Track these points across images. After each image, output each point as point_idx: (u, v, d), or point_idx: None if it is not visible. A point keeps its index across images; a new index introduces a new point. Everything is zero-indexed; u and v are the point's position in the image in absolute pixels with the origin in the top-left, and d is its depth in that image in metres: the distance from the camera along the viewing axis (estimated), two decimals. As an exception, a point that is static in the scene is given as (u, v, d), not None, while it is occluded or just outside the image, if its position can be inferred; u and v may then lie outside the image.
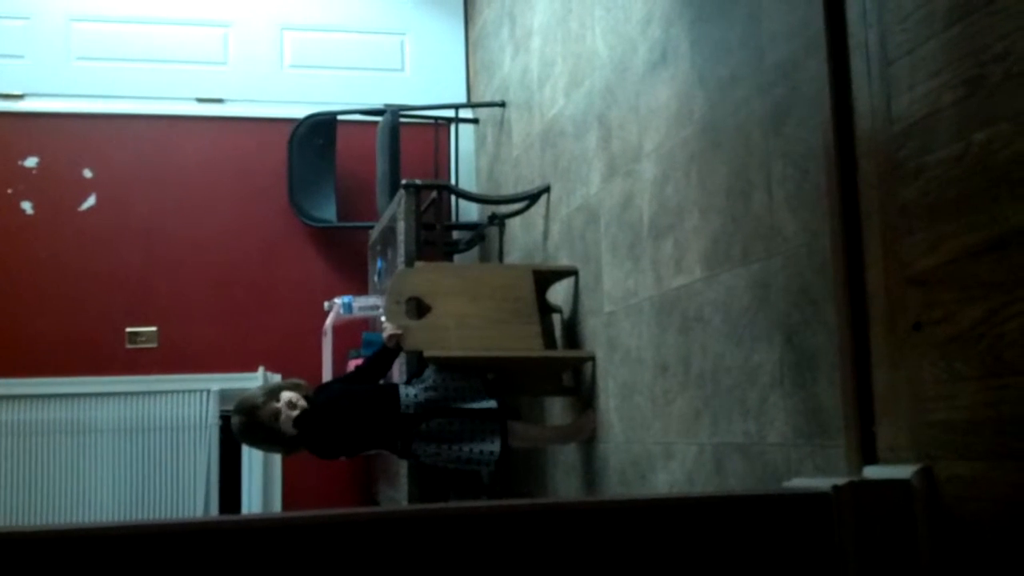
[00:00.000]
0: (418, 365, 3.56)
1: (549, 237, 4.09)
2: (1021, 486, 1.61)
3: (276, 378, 5.13)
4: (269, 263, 5.27)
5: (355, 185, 5.30)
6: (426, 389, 3.39)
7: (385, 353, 3.52)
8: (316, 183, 5.23)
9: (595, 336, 3.57)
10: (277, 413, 3.25)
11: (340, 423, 3.34)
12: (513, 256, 4.59)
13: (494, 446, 3.33)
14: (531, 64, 4.43)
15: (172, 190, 5.23)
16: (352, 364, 4.46)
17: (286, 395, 3.29)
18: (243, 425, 3.32)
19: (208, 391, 5.08)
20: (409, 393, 3.39)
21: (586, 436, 3.59)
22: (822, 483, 1.83)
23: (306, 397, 3.33)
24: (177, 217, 5.21)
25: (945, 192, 1.78)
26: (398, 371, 3.83)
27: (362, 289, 5.03)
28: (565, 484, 3.91)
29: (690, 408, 2.83)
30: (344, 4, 5.57)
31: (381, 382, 3.60)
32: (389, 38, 5.58)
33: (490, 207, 4.67)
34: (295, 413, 3.25)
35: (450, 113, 5.14)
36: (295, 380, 3.45)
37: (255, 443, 3.49)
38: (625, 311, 3.31)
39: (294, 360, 5.10)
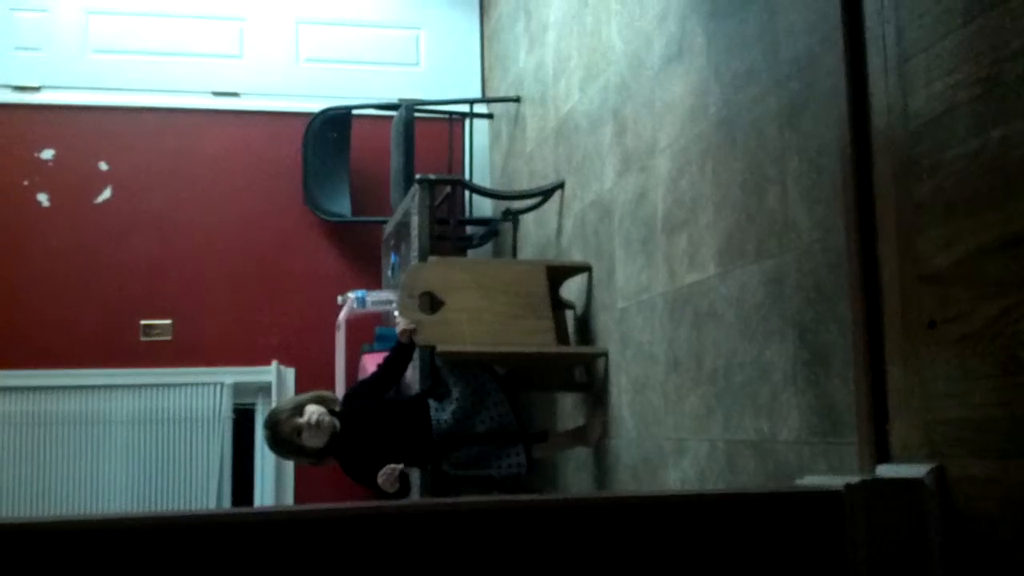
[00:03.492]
0: (431, 366, 3.55)
1: (562, 233, 4.08)
2: (1035, 486, 1.60)
3: (290, 372, 5.15)
4: (283, 257, 5.28)
5: (369, 179, 5.30)
6: (453, 413, 3.41)
7: (401, 349, 3.52)
8: (330, 177, 5.23)
9: (608, 332, 3.57)
10: (299, 429, 3.27)
11: (372, 449, 3.33)
12: (526, 252, 4.59)
13: (520, 458, 3.43)
14: (546, 59, 4.42)
15: (187, 183, 5.24)
16: (366, 359, 4.47)
17: (310, 409, 3.29)
18: (268, 439, 3.37)
19: (222, 384, 5.10)
20: (440, 419, 3.41)
21: (596, 440, 3.59)
22: (834, 481, 1.82)
23: (332, 412, 3.34)
24: (192, 210, 5.22)
25: (961, 189, 1.76)
26: (411, 369, 3.82)
27: (375, 284, 5.03)
28: (576, 480, 3.91)
29: (702, 405, 2.82)
30: (360, -2, 5.58)
31: (393, 394, 3.61)
32: (404, 32, 5.58)
33: (504, 202, 4.66)
34: (322, 434, 3.26)
35: (464, 108, 5.13)
36: (322, 393, 3.45)
37: (283, 455, 3.49)
38: (638, 307, 3.30)
39: (307, 354, 5.11)
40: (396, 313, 3.61)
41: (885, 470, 1.91)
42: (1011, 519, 1.65)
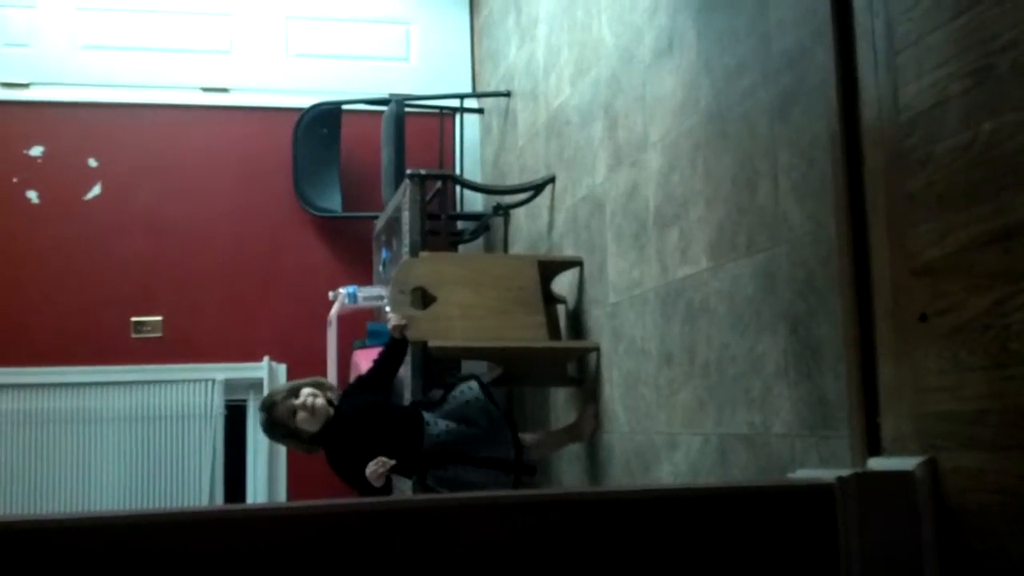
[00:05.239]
0: (423, 364, 3.52)
1: (554, 227, 4.08)
2: (1026, 478, 1.61)
3: (281, 368, 5.14)
4: (274, 253, 5.27)
5: (360, 175, 5.29)
6: (447, 429, 3.33)
7: (396, 345, 3.50)
8: (321, 173, 5.22)
9: (600, 326, 3.57)
10: (294, 411, 3.26)
11: (362, 447, 3.29)
12: (518, 246, 4.59)
13: (507, 482, 3.36)
14: (537, 53, 4.42)
15: (177, 180, 5.23)
16: (357, 354, 4.46)
17: (305, 392, 3.29)
18: (263, 421, 3.36)
19: (213, 380, 5.09)
20: (433, 433, 3.33)
21: (588, 435, 3.59)
22: (826, 474, 1.82)
23: (331, 402, 3.33)
24: (182, 207, 5.21)
25: (952, 182, 1.77)
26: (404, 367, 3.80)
27: (367, 279, 5.02)
28: (569, 474, 3.91)
29: (694, 399, 2.83)
30: (349, -8, 5.56)
31: (386, 395, 3.59)
32: (394, 27, 5.57)
33: (495, 197, 4.66)
34: (316, 419, 3.25)
35: (455, 103, 5.12)
36: (319, 379, 3.45)
37: (277, 439, 3.47)
38: (630, 301, 3.30)
39: (299, 350, 5.10)
40: (388, 309, 3.60)
41: (877, 463, 1.92)
42: (1003, 511, 1.66)
